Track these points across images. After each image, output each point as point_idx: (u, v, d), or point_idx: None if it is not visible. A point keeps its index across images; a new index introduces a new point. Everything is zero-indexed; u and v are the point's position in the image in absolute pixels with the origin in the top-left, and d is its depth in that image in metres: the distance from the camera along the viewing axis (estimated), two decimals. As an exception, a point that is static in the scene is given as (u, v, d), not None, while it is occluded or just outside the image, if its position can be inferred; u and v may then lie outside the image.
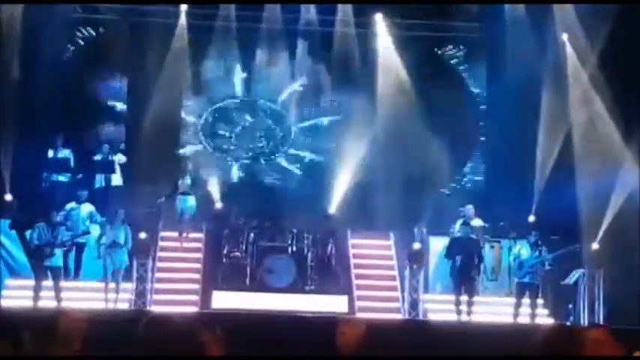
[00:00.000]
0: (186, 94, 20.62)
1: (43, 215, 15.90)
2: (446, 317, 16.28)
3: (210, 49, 20.61)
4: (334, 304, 16.57)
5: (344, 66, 20.34)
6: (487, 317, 16.30)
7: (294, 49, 20.64)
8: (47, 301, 15.28)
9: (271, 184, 21.05)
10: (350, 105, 20.49)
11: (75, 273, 16.82)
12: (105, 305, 15.67)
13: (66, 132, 19.46)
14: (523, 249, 16.30)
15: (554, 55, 18.97)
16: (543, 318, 16.49)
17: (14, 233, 17.02)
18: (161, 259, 17.45)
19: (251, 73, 21.05)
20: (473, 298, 16.19)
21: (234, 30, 19.99)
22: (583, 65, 18.82)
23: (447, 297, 16.79)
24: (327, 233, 17.80)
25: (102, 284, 16.02)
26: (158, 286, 16.75)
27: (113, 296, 15.84)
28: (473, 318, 16.04)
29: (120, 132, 20.37)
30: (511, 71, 19.17)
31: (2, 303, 15.20)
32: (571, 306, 16.84)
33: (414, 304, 16.58)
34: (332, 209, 18.96)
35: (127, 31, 19.90)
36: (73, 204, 17.08)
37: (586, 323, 16.30)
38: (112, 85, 20.56)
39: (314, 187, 20.20)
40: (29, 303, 15.23)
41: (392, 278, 17.80)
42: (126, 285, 16.20)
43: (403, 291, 17.07)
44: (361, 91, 20.10)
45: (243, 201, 19.07)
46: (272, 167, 21.35)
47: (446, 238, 17.08)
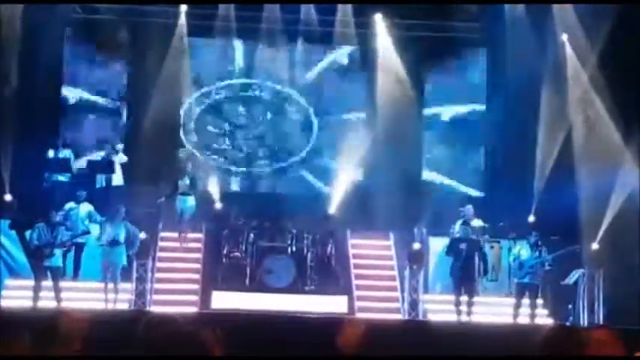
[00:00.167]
0: (186, 94, 20.58)
1: (43, 215, 15.87)
2: (446, 317, 16.27)
3: (210, 49, 20.61)
4: (334, 305, 16.56)
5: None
6: (487, 318, 16.27)
7: (294, 49, 20.61)
8: (47, 302, 15.27)
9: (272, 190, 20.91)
10: (350, 105, 20.54)
11: (74, 273, 16.81)
12: (104, 305, 15.65)
13: (65, 132, 19.50)
14: (523, 249, 16.28)
15: (553, 55, 18.98)
16: (543, 318, 16.47)
17: (14, 233, 17.02)
18: (161, 260, 17.45)
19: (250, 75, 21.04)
20: (473, 299, 16.18)
21: (234, 30, 19.98)
22: (583, 65, 18.83)
23: (447, 297, 16.77)
24: (327, 233, 17.78)
25: (101, 284, 15.99)
26: (158, 287, 16.75)
27: (112, 296, 15.81)
28: (473, 318, 16.03)
29: (120, 132, 20.35)
30: (511, 71, 19.18)
31: (2, 303, 15.21)
32: (571, 306, 16.83)
33: (414, 305, 16.59)
34: (332, 209, 18.95)
35: (127, 31, 19.91)
36: (72, 204, 17.04)
37: (586, 323, 16.31)
38: (112, 85, 20.54)
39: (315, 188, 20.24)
40: (29, 303, 15.21)
41: (392, 278, 17.79)
42: (125, 285, 16.19)
43: (403, 291, 17.07)
44: (361, 91, 20.12)
45: (242, 201, 19.08)
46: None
47: (446, 239, 17.06)
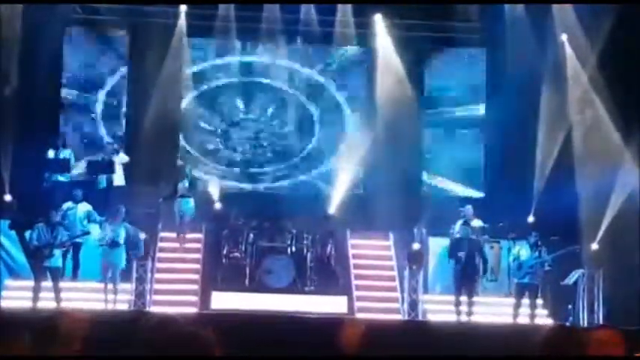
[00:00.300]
0: (185, 94, 20.56)
1: (43, 215, 15.85)
2: (445, 318, 16.27)
3: (210, 49, 20.60)
4: (334, 305, 16.55)
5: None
6: (487, 318, 16.27)
7: (294, 49, 20.60)
8: (47, 302, 15.26)
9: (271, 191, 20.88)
10: (350, 105, 20.53)
11: (73, 273, 16.79)
12: (104, 306, 15.64)
13: (65, 132, 19.48)
14: (523, 249, 16.27)
15: (553, 55, 18.97)
16: (543, 318, 16.48)
17: (14, 234, 17.01)
18: (160, 260, 17.45)
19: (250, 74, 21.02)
20: (472, 299, 16.18)
21: (234, 30, 19.96)
22: (583, 65, 18.82)
23: (447, 297, 16.78)
24: (327, 233, 17.77)
25: (101, 285, 15.98)
26: (157, 287, 16.75)
27: (112, 297, 15.79)
28: (472, 318, 16.03)
29: (120, 132, 20.33)
30: (511, 71, 19.18)
31: (2, 303, 15.20)
32: (570, 306, 16.82)
33: (414, 305, 16.58)
34: (331, 209, 18.95)
35: (127, 32, 19.91)
36: (70, 204, 16.95)
37: (586, 324, 16.31)
38: (112, 85, 20.52)
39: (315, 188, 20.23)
40: (29, 303, 15.20)
41: (391, 279, 17.79)
42: (125, 285, 16.18)
43: (403, 291, 17.07)
44: (361, 91, 20.09)
45: (242, 201, 19.07)
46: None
47: (445, 239, 17.07)
